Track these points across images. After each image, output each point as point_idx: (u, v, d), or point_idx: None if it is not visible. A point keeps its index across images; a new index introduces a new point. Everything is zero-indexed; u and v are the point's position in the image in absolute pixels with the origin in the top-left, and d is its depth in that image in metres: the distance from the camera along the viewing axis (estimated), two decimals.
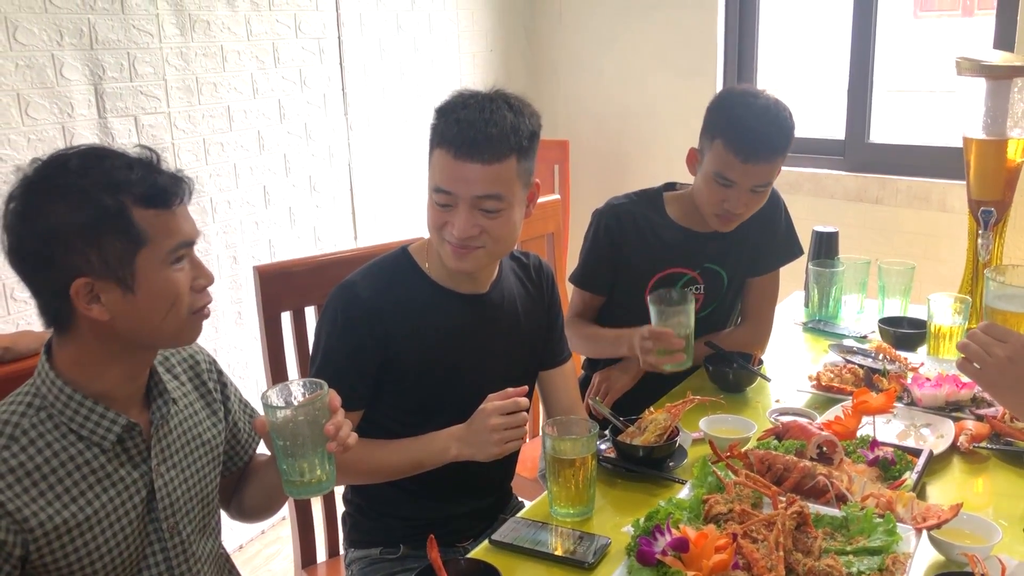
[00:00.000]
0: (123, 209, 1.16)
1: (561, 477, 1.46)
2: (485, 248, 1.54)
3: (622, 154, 4.01)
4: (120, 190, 1.16)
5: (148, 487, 1.28)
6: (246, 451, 1.52)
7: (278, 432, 1.22)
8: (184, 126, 2.71)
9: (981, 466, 1.61)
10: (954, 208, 3.16)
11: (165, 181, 1.20)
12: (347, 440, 1.27)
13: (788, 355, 2.18)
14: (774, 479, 1.43)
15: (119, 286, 1.17)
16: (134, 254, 1.17)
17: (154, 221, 1.18)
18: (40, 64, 2.33)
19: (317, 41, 3.11)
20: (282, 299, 1.91)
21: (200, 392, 1.42)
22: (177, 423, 1.34)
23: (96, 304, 1.17)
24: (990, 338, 1.39)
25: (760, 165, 1.86)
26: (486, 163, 1.47)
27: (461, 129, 1.47)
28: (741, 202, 1.89)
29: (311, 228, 3.19)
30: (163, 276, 1.20)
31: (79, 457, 1.21)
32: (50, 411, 1.20)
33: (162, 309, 1.21)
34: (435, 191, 1.52)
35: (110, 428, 1.22)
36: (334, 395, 1.27)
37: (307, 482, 1.25)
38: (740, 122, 1.86)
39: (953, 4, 11.87)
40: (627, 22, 3.88)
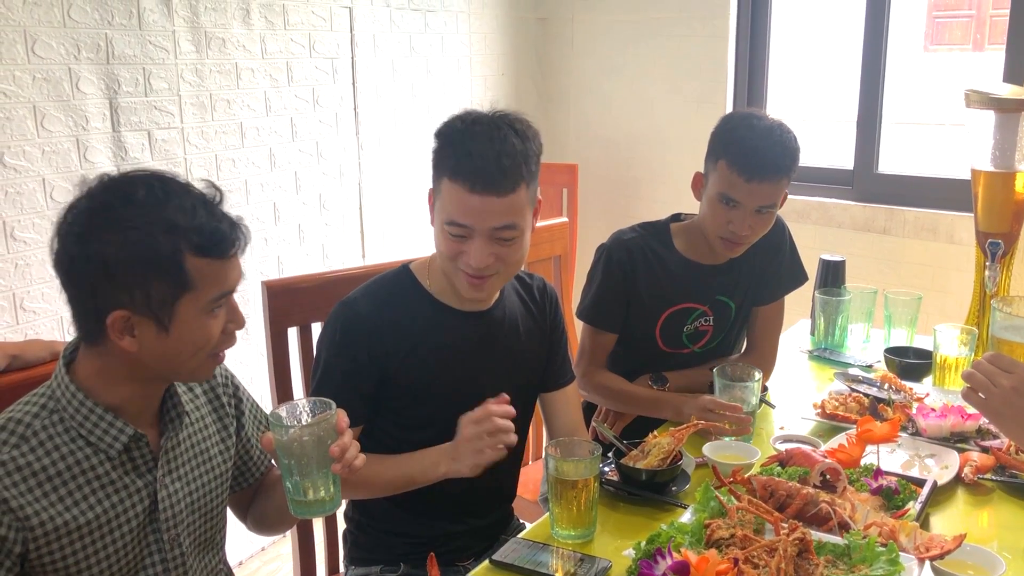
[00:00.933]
0: (177, 254, 1.16)
1: (563, 498, 1.46)
2: (499, 274, 1.56)
3: (631, 179, 4.03)
4: (179, 234, 1.16)
5: (151, 497, 1.29)
6: (259, 466, 1.53)
7: (284, 450, 1.23)
8: (197, 142, 2.73)
9: (985, 498, 1.60)
10: (962, 240, 3.16)
11: (224, 230, 1.20)
12: (353, 462, 1.26)
13: (793, 382, 2.18)
14: (777, 505, 1.43)
15: (155, 324, 1.18)
16: (178, 298, 1.18)
17: (205, 270, 1.19)
18: (57, 77, 2.36)
19: (331, 61, 3.14)
20: (289, 315, 1.91)
21: (214, 406, 1.43)
22: (187, 436, 1.35)
23: (129, 336, 1.18)
24: (996, 368, 1.38)
25: (764, 184, 1.84)
26: (501, 195, 1.47)
27: (474, 163, 1.46)
28: (746, 224, 1.87)
29: (320, 245, 3.21)
30: (201, 322, 1.21)
31: (85, 462, 1.22)
32: (62, 415, 1.22)
33: (190, 351, 1.23)
34: (450, 224, 1.50)
35: (117, 437, 1.23)
36: (342, 416, 1.27)
37: (311, 502, 1.25)
38: (744, 142, 1.86)
39: (964, 38, 11.92)
40: (638, 49, 3.91)
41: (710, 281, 2.04)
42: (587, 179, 3.92)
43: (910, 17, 10.68)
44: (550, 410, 1.83)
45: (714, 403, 1.79)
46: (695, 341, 2.07)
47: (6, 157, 2.28)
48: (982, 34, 11.23)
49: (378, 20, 3.30)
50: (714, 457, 1.66)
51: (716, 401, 1.80)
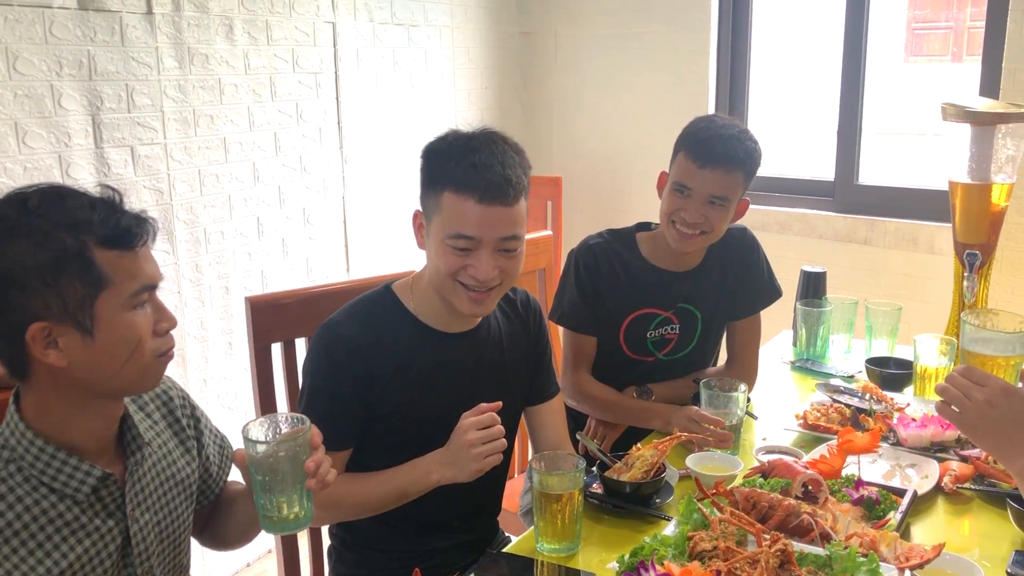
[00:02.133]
0: (84, 250, 1.11)
1: (548, 512, 1.47)
2: (500, 288, 1.56)
3: (614, 192, 4.05)
4: (81, 230, 1.11)
5: (123, 535, 1.25)
6: (217, 483, 1.49)
7: (257, 467, 1.21)
8: (180, 157, 2.73)
9: (965, 507, 1.62)
10: (941, 250, 3.19)
11: (128, 221, 1.16)
12: (326, 477, 1.26)
13: (775, 393, 2.20)
14: (759, 517, 1.44)
15: (78, 330, 1.12)
16: (95, 297, 1.12)
17: (116, 263, 1.14)
18: (39, 94, 2.36)
19: (314, 76, 3.15)
20: (273, 330, 1.91)
21: (174, 430, 1.38)
22: (151, 465, 1.30)
23: (53, 349, 1.12)
24: (969, 382, 1.40)
25: (717, 171, 1.88)
26: (508, 205, 1.49)
27: (481, 174, 1.46)
28: (698, 212, 1.90)
29: (304, 260, 3.21)
30: (125, 320, 1.15)
31: (52, 510, 1.16)
32: (19, 464, 1.15)
33: (123, 355, 1.16)
34: (455, 237, 1.49)
35: (84, 480, 1.18)
36: (316, 431, 1.26)
37: (284, 518, 1.23)
38: (700, 132, 1.93)
39: (943, 49, 12.05)
40: (621, 64, 3.94)
41: (673, 287, 2.05)
42: (571, 192, 3.94)
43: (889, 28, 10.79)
44: (535, 423, 1.84)
45: (699, 415, 1.82)
46: (660, 348, 2.08)
47: None
48: (960, 46, 11.37)
49: (361, 35, 3.31)
50: (697, 469, 1.67)
51: (701, 413, 1.82)
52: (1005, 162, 2.28)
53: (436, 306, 1.61)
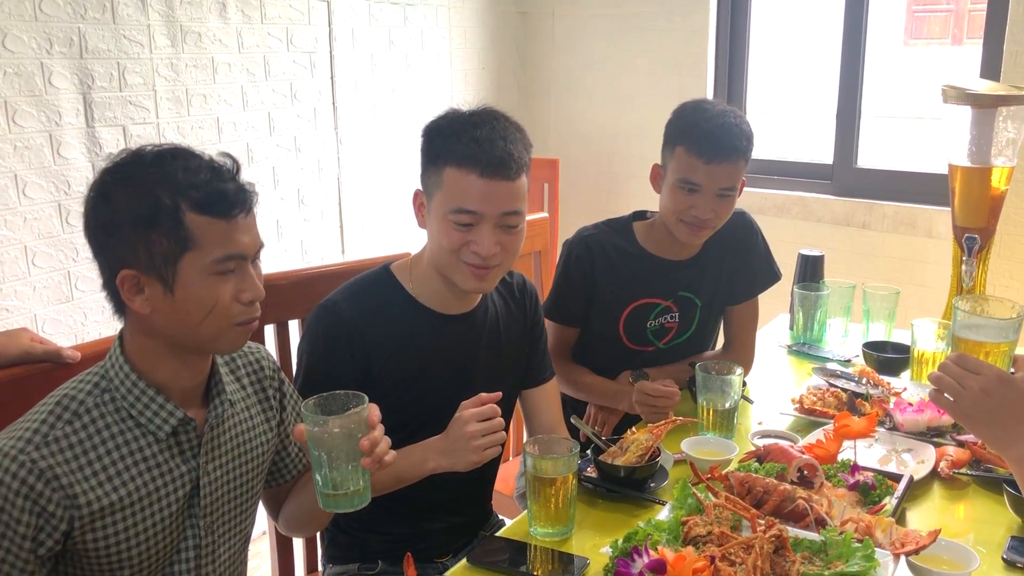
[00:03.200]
0: (176, 210, 1.17)
1: (541, 496, 1.45)
2: (501, 265, 1.56)
3: (611, 174, 4.03)
4: (179, 191, 1.17)
5: (193, 482, 1.30)
6: (295, 464, 1.52)
7: (315, 442, 1.23)
8: (173, 137, 2.70)
9: (961, 492, 1.61)
10: (940, 234, 3.18)
11: (228, 189, 1.21)
12: (383, 457, 1.26)
13: (772, 378, 2.19)
14: (754, 502, 1.43)
15: (160, 283, 1.19)
16: (179, 256, 1.18)
17: (207, 228, 1.19)
18: (29, 72, 2.33)
19: (308, 55, 3.11)
20: (266, 312, 1.87)
21: (259, 397, 1.43)
22: (232, 424, 1.35)
23: (139, 296, 1.20)
24: (963, 370, 1.38)
25: (724, 165, 1.87)
26: (510, 180, 1.49)
27: (483, 149, 1.47)
28: (709, 207, 1.89)
29: (298, 241, 3.19)
30: (205, 283, 1.20)
31: (134, 443, 1.24)
32: (113, 394, 1.23)
33: (198, 315, 1.21)
34: (457, 212, 1.49)
35: (167, 420, 1.25)
36: (374, 410, 1.27)
37: (339, 495, 1.25)
38: (699, 126, 1.89)
39: (943, 32, 12.00)
40: (619, 43, 3.91)
41: (673, 276, 2.04)
42: (568, 174, 3.91)
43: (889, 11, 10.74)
44: (530, 406, 1.83)
45: (649, 387, 1.85)
46: (660, 337, 2.07)
47: None
48: (960, 28, 11.32)
49: (357, 14, 3.27)
50: (692, 453, 1.66)
51: (648, 385, 1.85)
52: (1005, 145, 2.26)
53: (435, 287, 1.61)
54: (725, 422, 1.80)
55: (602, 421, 2.05)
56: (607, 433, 2.00)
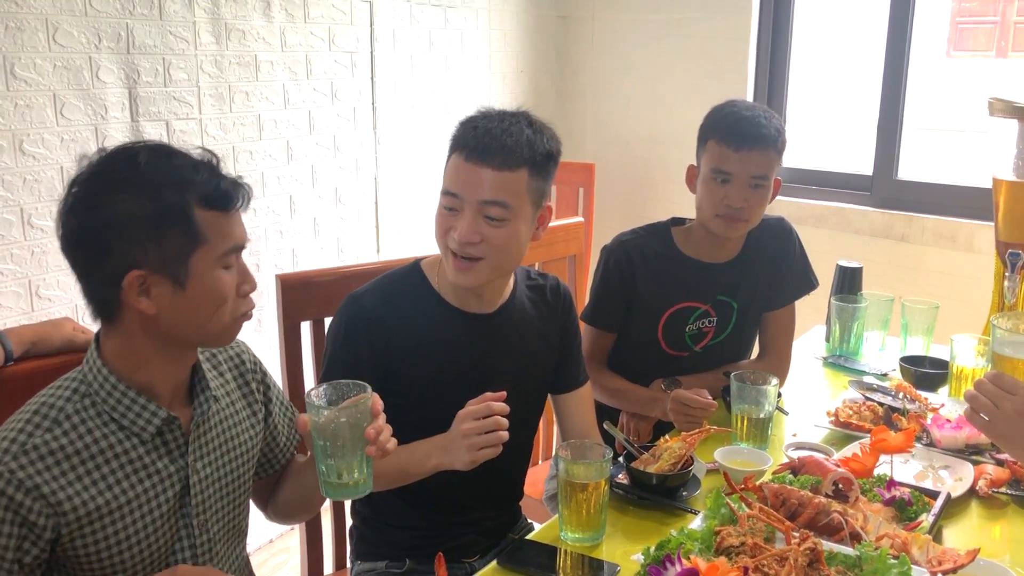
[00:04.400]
0: (186, 207, 1.18)
1: (573, 501, 1.45)
2: (486, 260, 1.53)
3: (647, 180, 4.01)
4: (186, 189, 1.19)
5: (183, 481, 1.30)
6: (284, 454, 1.53)
7: (319, 431, 1.23)
8: (215, 133, 2.74)
9: (999, 512, 1.59)
10: (980, 249, 3.13)
11: (227, 185, 1.23)
12: (387, 445, 1.27)
13: (807, 389, 2.17)
14: (788, 514, 1.42)
15: (171, 282, 1.20)
16: (190, 252, 1.20)
17: (213, 222, 1.21)
18: (77, 66, 2.37)
19: (350, 55, 3.14)
20: (303, 308, 1.91)
21: (243, 391, 1.43)
22: (217, 421, 1.36)
23: (145, 297, 1.19)
24: (998, 389, 1.36)
25: (754, 152, 1.88)
26: (496, 169, 1.48)
27: (477, 135, 1.50)
28: (741, 196, 1.90)
29: (335, 239, 3.21)
30: (214, 277, 1.22)
31: (118, 446, 1.23)
32: (94, 399, 1.23)
33: (209, 309, 1.23)
34: (443, 194, 1.54)
35: (150, 420, 1.24)
36: (377, 399, 1.28)
37: (344, 484, 1.26)
38: (728, 117, 1.93)
39: (987, 44, 11.81)
40: (658, 48, 3.89)
41: (712, 280, 2.04)
42: (604, 179, 3.90)
43: (933, 22, 10.59)
44: (563, 411, 1.83)
45: (686, 396, 1.84)
46: (697, 342, 2.07)
47: (25, 144, 2.29)
48: (1006, 41, 11.12)
49: (398, 15, 3.30)
50: (726, 463, 1.65)
51: (685, 394, 1.84)
52: None
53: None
54: (759, 432, 1.78)
55: (635, 428, 2.05)
56: (640, 440, 2.00)
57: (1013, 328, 1.87)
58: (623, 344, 2.11)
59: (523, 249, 1.58)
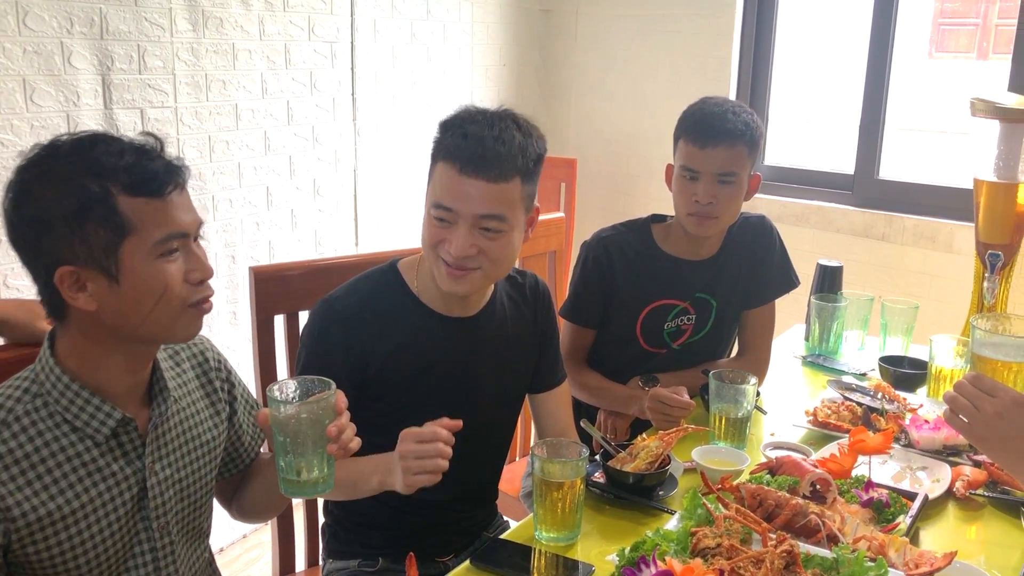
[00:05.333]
0: (108, 196, 1.12)
1: (548, 500, 1.43)
2: (481, 270, 1.49)
3: (629, 176, 3.99)
4: (107, 176, 1.12)
5: (140, 484, 1.25)
6: (248, 453, 1.49)
7: (280, 427, 1.19)
8: (190, 122, 2.69)
9: (976, 513, 1.58)
10: (960, 249, 3.14)
11: (157, 168, 1.15)
12: (348, 444, 1.23)
13: (786, 388, 2.16)
14: (765, 515, 1.40)
15: (104, 276, 1.14)
16: (119, 244, 1.13)
17: (142, 210, 1.14)
18: (48, 51, 2.32)
19: (330, 45, 3.10)
20: (276, 302, 1.88)
21: (206, 390, 1.39)
22: (177, 421, 1.31)
23: (82, 293, 1.14)
24: (978, 391, 1.35)
25: (719, 148, 1.87)
26: (491, 181, 1.42)
27: (468, 144, 1.42)
28: (709, 193, 1.89)
29: (312, 232, 3.17)
30: (151, 268, 1.15)
31: (70, 448, 1.18)
32: (46, 399, 1.18)
33: (148, 302, 1.16)
34: (435, 207, 1.46)
35: (104, 421, 1.20)
36: (341, 396, 1.24)
37: (303, 482, 1.22)
38: (695, 114, 1.93)
39: (968, 46, 11.89)
40: (642, 44, 3.88)
41: (690, 277, 2.02)
42: (586, 174, 3.89)
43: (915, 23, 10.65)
44: (540, 411, 1.80)
45: (664, 395, 1.82)
46: (675, 339, 2.06)
47: None
48: (987, 42, 11.21)
49: (379, 5, 3.25)
50: (703, 462, 1.63)
51: (663, 393, 1.82)
52: None
53: (436, 288, 1.57)
54: (737, 432, 1.77)
55: (612, 426, 2.03)
56: (618, 439, 1.98)
57: (992, 329, 1.87)
58: (601, 340, 2.09)
59: (517, 254, 1.55)
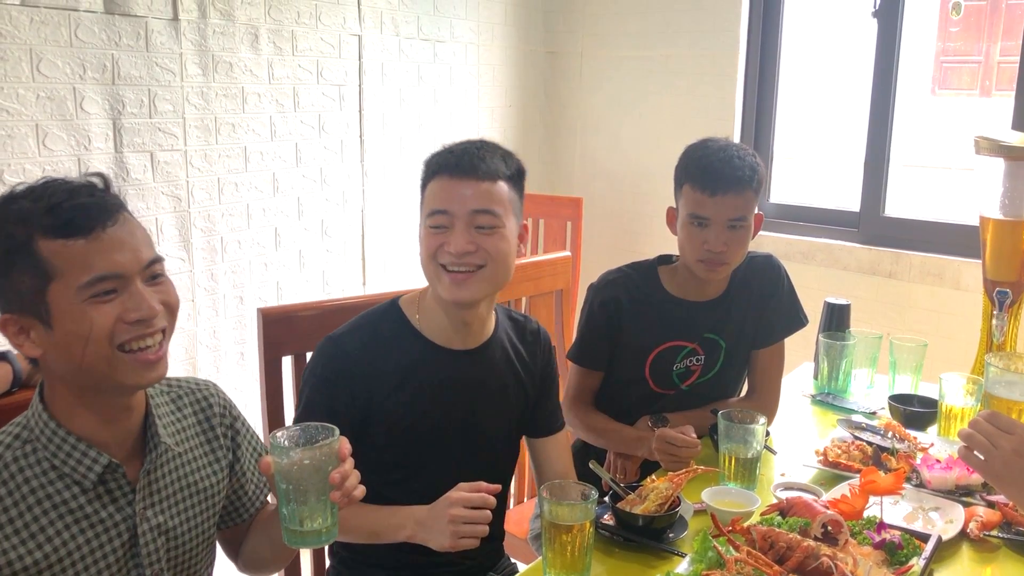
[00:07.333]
0: (29, 241, 1.11)
1: (557, 543, 1.42)
2: (483, 270, 1.52)
3: (635, 215, 4.01)
4: (31, 221, 1.11)
5: (131, 531, 1.23)
6: (253, 503, 1.47)
7: (282, 475, 1.18)
8: (200, 164, 2.72)
9: (991, 555, 1.56)
10: (968, 287, 3.13)
11: (84, 206, 1.13)
12: (353, 492, 1.22)
13: (795, 428, 2.14)
14: (776, 557, 1.38)
15: (39, 322, 1.13)
16: (44, 289, 1.12)
17: (64, 253, 1.11)
18: (61, 96, 2.35)
19: (338, 88, 3.13)
20: (284, 343, 1.88)
21: (207, 436, 1.37)
22: (172, 468, 1.30)
23: (26, 340, 1.15)
24: (995, 428, 1.35)
25: (729, 196, 1.87)
26: (481, 179, 1.52)
27: (455, 155, 1.54)
28: (720, 239, 1.89)
29: (320, 272, 3.19)
30: (76, 312, 1.12)
31: (57, 496, 1.17)
32: (35, 445, 1.17)
33: (78, 346, 1.13)
34: (431, 215, 1.54)
35: (91, 467, 1.18)
36: (344, 443, 1.23)
37: (306, 532, 1.20)
38: (701, 160, 1.91)
39: (971, 83, 11.97)
40: (646, 85, 3.92)
41: (698, 318, 2.02)
42: (591, 213, 3.90)
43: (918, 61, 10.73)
44: (540, 456, 1.80)
45: (671, 435, 1.81)
46: (685, 380, 2.05)
47: (5, 175, 2.27)
48: (990, 80, 11.28)
49: (387, 49, 3.30)
50: (713, 504, 1.62)
51: (669, 433, 1.81)
52: None
53: (440, 321, 1.59)
54: (747, 472, 1.75)
55: (621, 467, 2.02)
56: (627, 480, 1.96)
57: (1005, 367, 1.85)
58: (610, 381, 2.08)
59: (513, 260, 1.58)
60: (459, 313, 1.58)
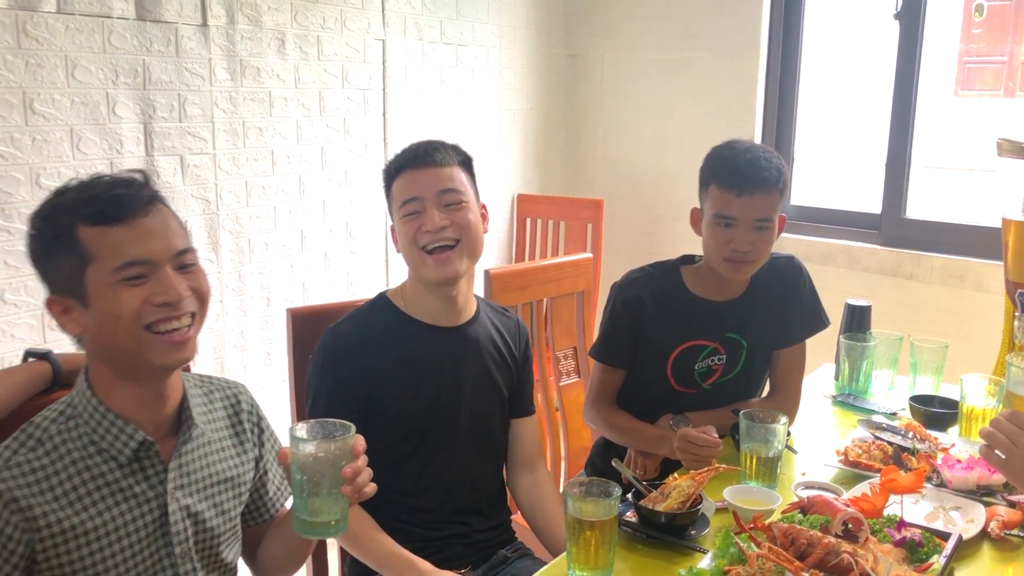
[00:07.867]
0: (70, 228, 1.21)
1: (581, 538, 1.45)
2: (461, 242, 1.68)
3: (656, 216, 4.03)
4: (74, 210, 1.22)
5: (162, 508, 1.30)
6: (273, 505, 1.52)
7: (299, 465, 1.24)
8: (228, 168, 2.77)
9: (1012, 554, 1.57)
10: (990, 288, 3.13)
11: (120, 196, 1.23)
12: (363, 488, 1.27)
13: (816, 428, 2.16)
14: (797, 554, 1.41)
15: (78, 302, 1.23)
16: (82, 271, 1.21)
17: (100, 239, 1.21)
18: (94, 101, 2.41)
19: (363, 92, 3.18)
20: (312, 342, 1.92)
21: (235, 429, 1.44)
22: (202, 454, 1.36)
23: (69, 320, 1.25)
24: (1016, 427, 1.36)
25: (756, 196, 1.89)
26: (439, 165, 1.70)
27: (412, 152, 1.73)
28: (746, 240, 1.91)
29: (345, 273, 3.23)
30: (110, 293, 1.22)
31: (95, 468, 1.25)
32: (77, 421, 1.26)
33: (109, 326, 1.22)
34: (403, 205, 1.70)
35: (127, 443, 1.26)
36: (359, 440, 1.28)
37: (316, 523, 1.25)
38: (727, 161, 1.94)
39: (995, 84, 11.87)
40: (667, 87, 3.93)
41: (720, 317, 2.04)
42: (612, 215, 3.92)
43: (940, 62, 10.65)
44: (514, 436, 1.92)
45: (693, 435, 1.84)
46: (706, 378, 2.07)
47: (42, 178, 2.33)
48: (1014, 81, 11.19)
49: (410, 53, 3.34)
50: (735, 502, 1.64)
51: (692, 432, 1.84)
52: None
53: (424, 302, 1.75)
54: (768, 471, 1.77)
55: (642, 464, 2.04)
56: (647, 476, 1.99)
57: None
58: (631, 380, 2.11)
59: (482, 233, 1.75)
60: (444, 290, 1.72)
